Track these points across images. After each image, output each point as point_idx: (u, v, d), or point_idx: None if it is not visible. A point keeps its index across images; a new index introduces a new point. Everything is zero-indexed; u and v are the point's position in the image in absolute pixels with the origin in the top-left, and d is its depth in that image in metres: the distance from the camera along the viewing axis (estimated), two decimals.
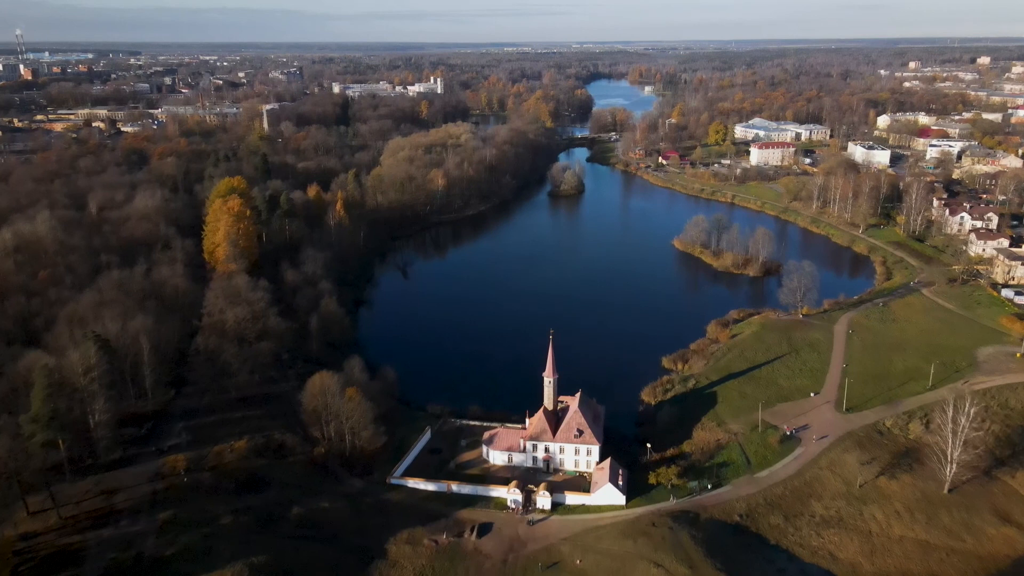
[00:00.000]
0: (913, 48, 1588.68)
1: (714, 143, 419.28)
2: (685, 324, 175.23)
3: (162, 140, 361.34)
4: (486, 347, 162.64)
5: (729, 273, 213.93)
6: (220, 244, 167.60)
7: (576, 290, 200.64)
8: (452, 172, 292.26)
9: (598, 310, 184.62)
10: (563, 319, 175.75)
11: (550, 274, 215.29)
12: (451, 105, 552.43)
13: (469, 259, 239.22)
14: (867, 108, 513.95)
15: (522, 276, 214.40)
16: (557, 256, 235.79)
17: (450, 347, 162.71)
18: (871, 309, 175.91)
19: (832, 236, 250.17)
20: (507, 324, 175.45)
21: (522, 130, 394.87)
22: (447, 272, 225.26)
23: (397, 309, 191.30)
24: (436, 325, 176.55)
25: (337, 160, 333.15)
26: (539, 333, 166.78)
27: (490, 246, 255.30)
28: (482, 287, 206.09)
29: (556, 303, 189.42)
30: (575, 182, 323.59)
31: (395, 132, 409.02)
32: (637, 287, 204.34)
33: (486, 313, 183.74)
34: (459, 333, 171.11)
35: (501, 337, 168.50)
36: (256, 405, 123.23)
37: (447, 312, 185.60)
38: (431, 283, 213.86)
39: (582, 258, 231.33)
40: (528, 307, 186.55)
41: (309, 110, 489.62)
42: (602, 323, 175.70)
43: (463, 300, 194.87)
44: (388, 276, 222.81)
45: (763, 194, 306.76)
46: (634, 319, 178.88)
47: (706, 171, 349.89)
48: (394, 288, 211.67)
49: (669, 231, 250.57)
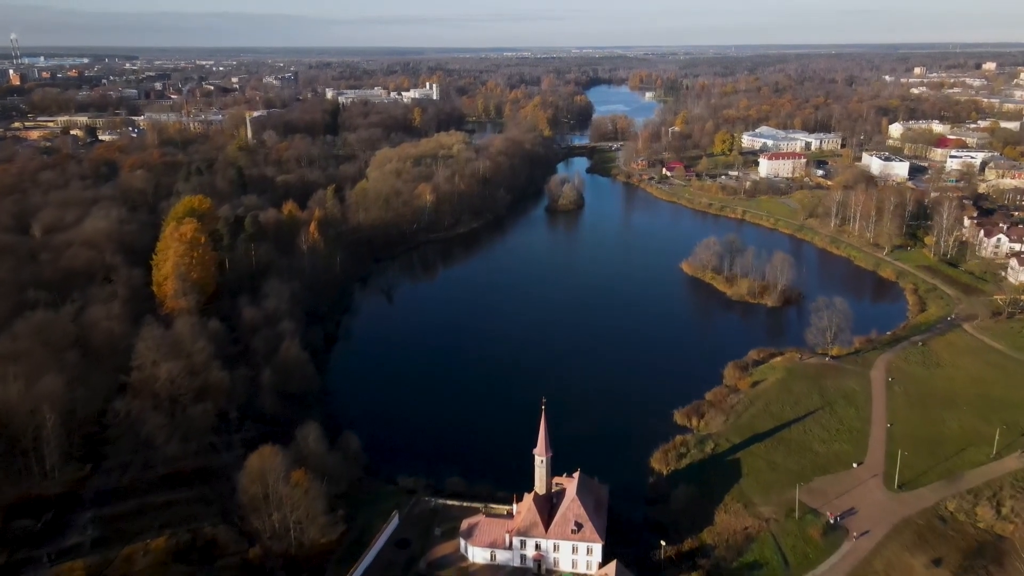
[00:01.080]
0: (915, 53, 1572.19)
1: (720, 153, 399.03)
2: (698, 365, 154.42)
3: (136, 150, 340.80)
4: (470, 399, 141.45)
5: (744, 302, 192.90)
6: (168, 277, 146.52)
7: (575, 323, 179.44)
8: (442, 187, 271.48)
9: (600, 349, 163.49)
10: (561, 361, 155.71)
11: (546, 303, 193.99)
12: (445, 112, 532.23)
13: (457, 285, 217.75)
14: (878, 116, 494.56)
15: (515, 306, 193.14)
16: (554, 281, 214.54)
17: (429, 397, 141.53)
18: (910, 350, 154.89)
19: (854, 258, 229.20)
20: (495, 369, 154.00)
21: (518, 140, 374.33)
22: (432, 301, 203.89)
23: (373, 346, 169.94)
24: (415, 368, 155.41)
25: (321, 172, 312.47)
26: (532, 380, 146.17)
27: (481, 270, 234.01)
28: (470, 319, 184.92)
29: (553, 340, 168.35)
30: (574, 196, 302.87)
31: (384, 142, 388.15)
32: (643, 319, 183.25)
33: (472, 354, 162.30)
34: (441, 379, 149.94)
35: (487, 386, 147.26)
36: (188, 484, 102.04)
37: (428, 351, 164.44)
38: (413, 314, 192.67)
39: (581, 285, 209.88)
40: (521, 345, 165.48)
41: (297, 118, 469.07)
42: (605, 365, 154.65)
43: (447, 336, 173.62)
44: (369, 304, 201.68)
45: (776, 210, 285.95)
46: (641, 359, 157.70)
47: (713, 184, 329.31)
48: (373, 319, 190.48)
49: (676, 252, 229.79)
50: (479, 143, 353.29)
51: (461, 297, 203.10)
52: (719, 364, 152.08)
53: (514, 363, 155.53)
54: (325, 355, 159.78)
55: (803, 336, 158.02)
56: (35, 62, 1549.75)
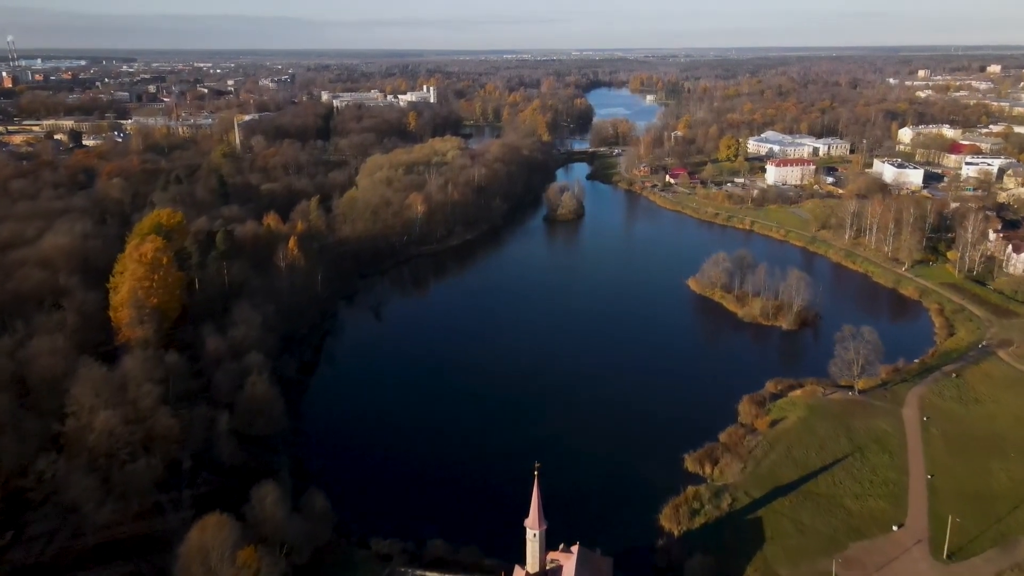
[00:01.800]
0: (918, 56, 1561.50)
1: (725, 159, 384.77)
2: (709, 398, 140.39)
3: (118, 156, 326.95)
4: (457, 443, 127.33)
5: (757, 324, 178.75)
6: (124, 303, 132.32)
7: (574, 351, 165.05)
8: (434, 196, 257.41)
9: (602, 380, 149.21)
10: (559, 396, 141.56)
11: (543, 328, 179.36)
12: (442, 116, 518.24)
13: (447, 305, 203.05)
14: (886, 120, 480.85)
15: (509, 331, 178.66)
16: (551, 302, 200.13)
17: (411, 440, 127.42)
18: (943, 382, 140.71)
19: (872, 274, 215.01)
20: (485, 406, 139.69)
21: (516, 145, 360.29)
22: (419, 324, 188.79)
23: (353, 376, 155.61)
24: (397, 403, 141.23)
25: (309, 180, 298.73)
26: (526, 420, 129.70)
27: (473, 288, 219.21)
28: (459, 345, 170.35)
29: (550, 372, 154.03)
30: (574, 205, 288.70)
31: (377, 147, 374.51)
32: (648, 344, 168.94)
33: (461, 387, 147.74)
34: (425, 417, 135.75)
35: (476, 427, 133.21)
36: (125, 556, 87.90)
37: (413, 383, 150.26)
38: (399, 339, 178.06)
39: (581, 306, 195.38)
40: (515, 377, 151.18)
41: (288, 122, 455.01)
42: (607, 400, 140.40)
43: (434, 364, 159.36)
44: (353, 326, 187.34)
45: (786, 220, 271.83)
46: (647, 392, 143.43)
47: (719, 191, 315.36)
48: (357, 343, 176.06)
49: (683, 267, 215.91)
50: (475, 149, 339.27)
51: (451, 319, 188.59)
52: (733, 397, 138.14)
53: (507, 400, 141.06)
54: (300, 387, 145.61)
55: (824, 365, 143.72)
56: (32, 64, 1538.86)
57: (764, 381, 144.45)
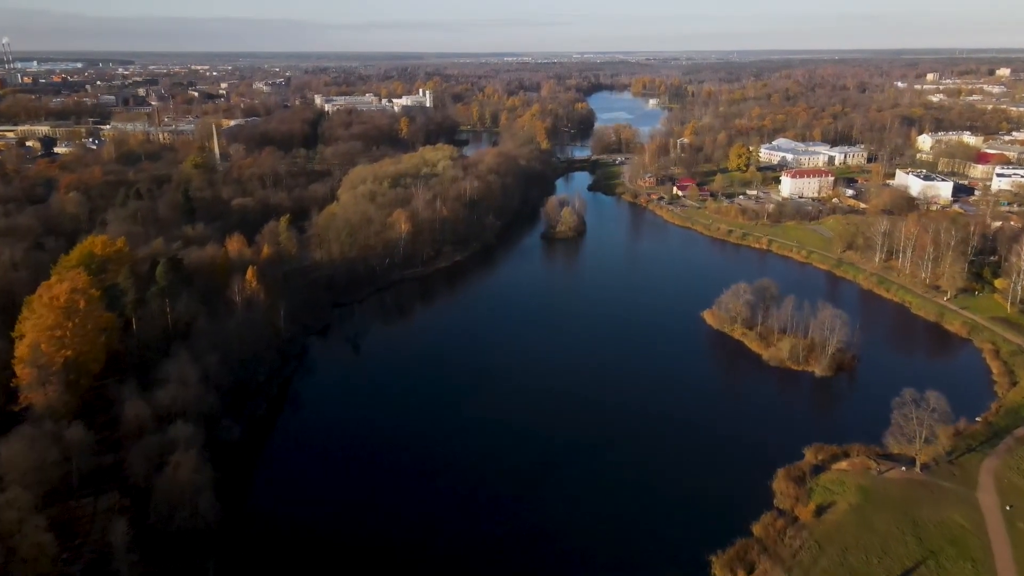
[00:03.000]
0: (923, 59, 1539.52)
1: (736, 169, 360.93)
2: (735, 468, 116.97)
3: (82, 166, 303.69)
4: (426, 537, 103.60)
5: (786, 369, 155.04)
6: (24, 359, 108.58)
7: (573, 407, 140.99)
8: (421, 213, 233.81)
9: (605, 445, 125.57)
10: (554, 472, 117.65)
11: (537, 374, 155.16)
12: (435, 122, 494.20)
13: (429, 342, 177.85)
14: (903, 126, 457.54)
15: (497, 379, 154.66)
16: (547, 339, 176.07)
17: (372, 533, 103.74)
18: (1019, 452, 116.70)
19: (910, 305, 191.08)
20: (463, 487, 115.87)
21: (512, 154, 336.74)
22: (395, 366, 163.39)
23: (319, 430, 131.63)
24: (360, 475, 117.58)
25: (287, 194, 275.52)
26: (513, 507, 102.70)
27: (460, 317, 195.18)
28: (437, 396, 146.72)
29: (544, 434, 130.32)
30: (574, 221, 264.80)
31: (364, 156, 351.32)
32: (658, 394, 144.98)
33: (438, 454, 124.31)
34: (390, 498, 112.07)
35: (451, 511, 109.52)
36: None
37: (380, 444, 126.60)
38: (374, 379, 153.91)
39: (580, 346, 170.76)
40: (503, 444, 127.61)
41: (274, 128, 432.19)
42: (611, 474, 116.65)
43: (408, 420, 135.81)
44: (324, 366, 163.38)
45: (806, 239, 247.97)
46: (658, 463, 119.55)
47: (731, 205, 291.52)
48: (325, 388, 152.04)
49: (695, 295, 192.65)
50: (468, 159, 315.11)
51: (431, 363, 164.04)
52: (764, 468, 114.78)
53: (492, 474, 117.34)
54: (245, 457, 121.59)
55: (867, 421, 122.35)
56: (28, 66, 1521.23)
57: (800, 447, 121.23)
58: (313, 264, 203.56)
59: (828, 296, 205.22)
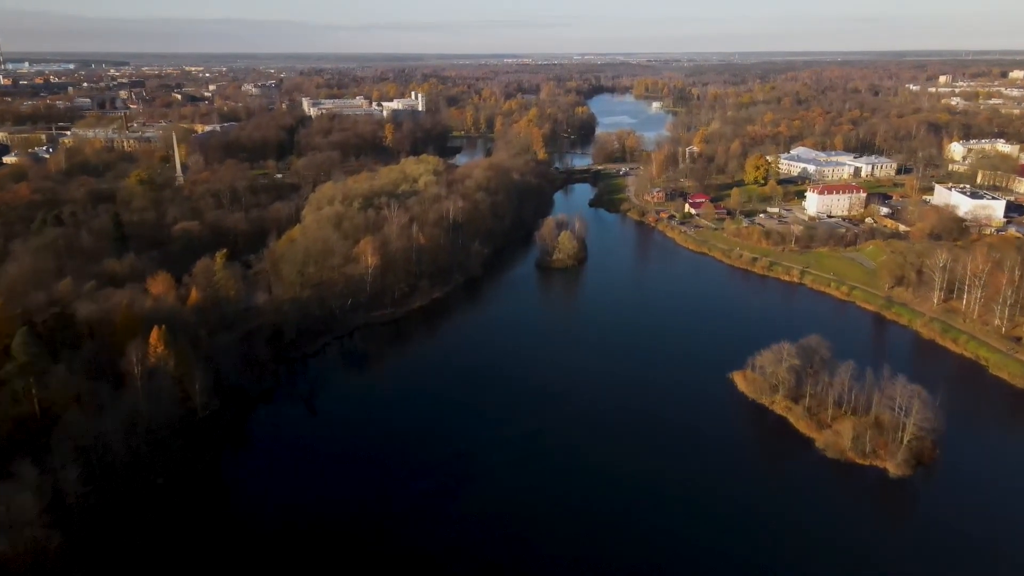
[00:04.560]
0: (929, 61, 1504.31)
1: (753, 182, 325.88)
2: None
3: (16, 180, 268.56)
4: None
5: (846, 462, 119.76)
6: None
7: (567, 512, 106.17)
8: (394, 241, 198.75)
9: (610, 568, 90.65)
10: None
11: (524, 464, 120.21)
12: (425, 128, 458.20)
13: (391, 407, 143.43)
14: (929, 133, 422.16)
15: (475, 469, 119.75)
16: (542, 398, 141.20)
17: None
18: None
19: (987, 363, 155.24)
20: None
21: (505, 167, 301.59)
22: (347, 440, 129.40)
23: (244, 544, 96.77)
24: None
25: (243, 215, 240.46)
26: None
27: (433, 374, 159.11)
28: (402, 477, 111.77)
29: (533, 551, 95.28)
30: (573, 248, 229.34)
31: (341, 167, 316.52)
32: (679, 493, 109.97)
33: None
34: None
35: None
36: None
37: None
38: (318, 471, 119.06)
39: (580, 418, 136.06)
40: (482, 550, 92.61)
41: (248, 135, 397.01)
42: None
43: (358, 533, 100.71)
44: (254, 452, 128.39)
45: (845, 271, 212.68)
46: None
47: (753, 227, 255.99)
48: (256, 482, 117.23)
49: (720, 346, 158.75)
50: (454, 174, 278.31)
51: (395, 441, 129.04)
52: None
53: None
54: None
55: (966, 545, 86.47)
56: (19, 67, 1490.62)
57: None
58: (258, 308, 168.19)
59: (879, 345, 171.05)
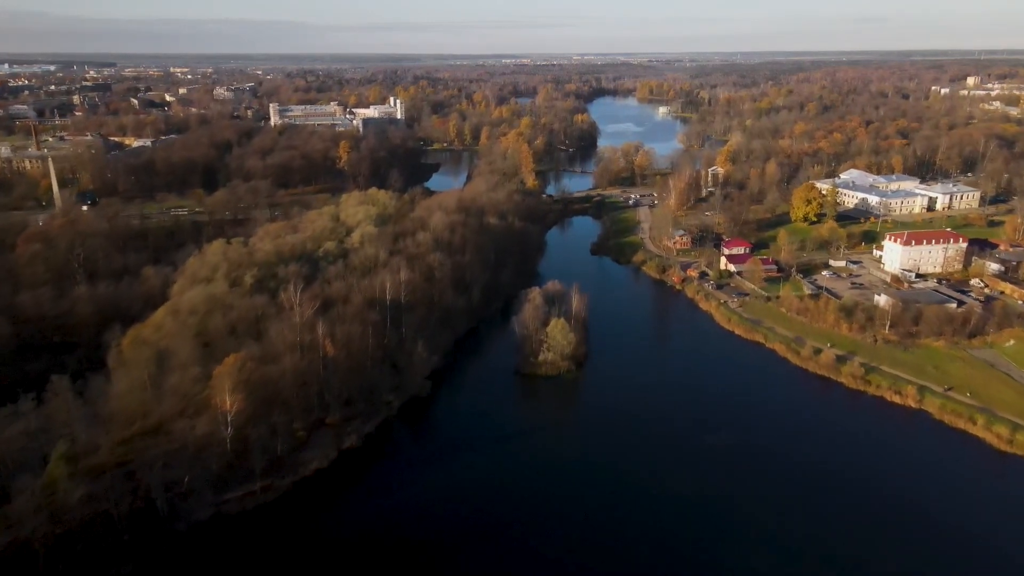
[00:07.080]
0: (943, 60, 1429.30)
1: (802, 218, 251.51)
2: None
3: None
4: None
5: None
6: None
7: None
8: (281, 358, 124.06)
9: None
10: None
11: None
12: (393, 143, 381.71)
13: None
14: (1003, 149, 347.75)
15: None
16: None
17: None
18: None
19: None
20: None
21: (480, 205, 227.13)
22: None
23: None
24: None
25: (90, 290, 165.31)
26: None
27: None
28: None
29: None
30: (568, 345, 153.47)
31: (268, 202, 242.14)
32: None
33: None
34: None
35: None
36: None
37: None
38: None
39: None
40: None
41: (174, 155, 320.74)
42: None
43: None
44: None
45: (983, 386, 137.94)
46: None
47: (825, 300, 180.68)
48: None
49: (814, 544, 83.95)
50: (404, 225, 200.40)
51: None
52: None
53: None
54: None
55: None
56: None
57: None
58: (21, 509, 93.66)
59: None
